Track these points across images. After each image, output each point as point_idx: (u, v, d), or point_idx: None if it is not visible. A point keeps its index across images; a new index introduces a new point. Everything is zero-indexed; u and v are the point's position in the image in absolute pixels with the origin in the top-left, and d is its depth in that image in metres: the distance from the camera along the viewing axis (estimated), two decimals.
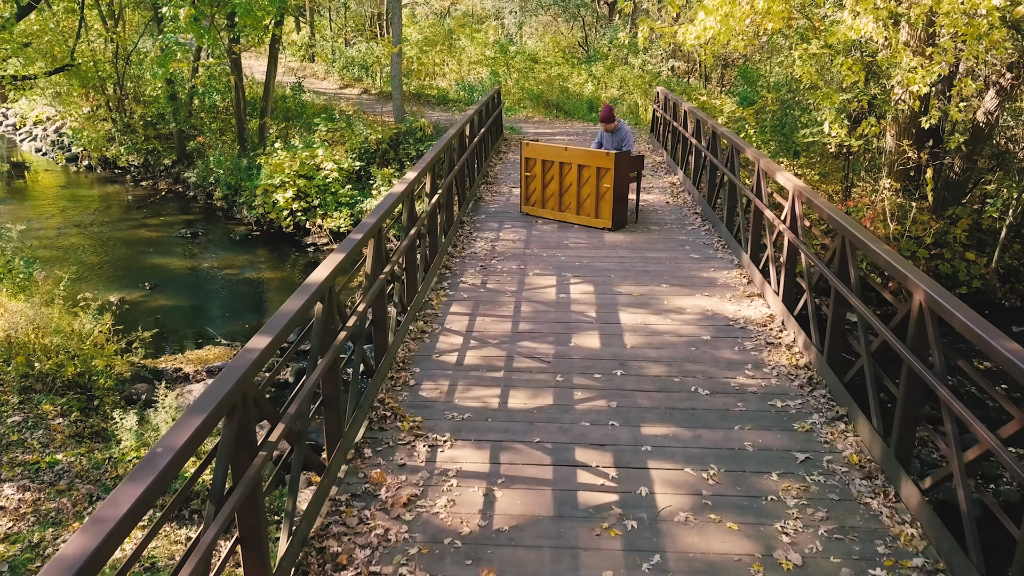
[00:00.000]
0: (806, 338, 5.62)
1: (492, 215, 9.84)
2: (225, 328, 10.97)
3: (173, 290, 12.24)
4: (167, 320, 11.11)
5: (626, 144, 9.18)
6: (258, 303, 11.90)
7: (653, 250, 8.28)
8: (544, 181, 9.42)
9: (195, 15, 15.48)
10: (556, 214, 9.43)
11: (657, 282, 7.25)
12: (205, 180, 17.69)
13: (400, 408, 4.87)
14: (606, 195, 8.87)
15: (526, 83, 23.51)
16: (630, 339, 5.96)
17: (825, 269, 5.21)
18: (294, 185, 14.94)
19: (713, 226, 9.11)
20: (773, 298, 6.48)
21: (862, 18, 8.84)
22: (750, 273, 7.30)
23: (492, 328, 6.17)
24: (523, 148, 9.46)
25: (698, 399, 5.04)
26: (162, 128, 19.78)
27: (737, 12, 10.66)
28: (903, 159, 11.62)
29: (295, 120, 18.61)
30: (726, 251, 8.19)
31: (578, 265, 7.74)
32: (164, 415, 6.38)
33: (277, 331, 3.27)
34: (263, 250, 14.41)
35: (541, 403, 4.98)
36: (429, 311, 6.48)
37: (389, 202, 5.47)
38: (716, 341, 5.93)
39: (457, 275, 7.44)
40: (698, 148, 10.41)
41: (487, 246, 8.41)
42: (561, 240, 8.64)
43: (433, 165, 7.32)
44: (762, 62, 21.23)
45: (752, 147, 8.02)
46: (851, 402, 4.75)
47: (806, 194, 5.79)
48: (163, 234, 15.31)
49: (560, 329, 6.15)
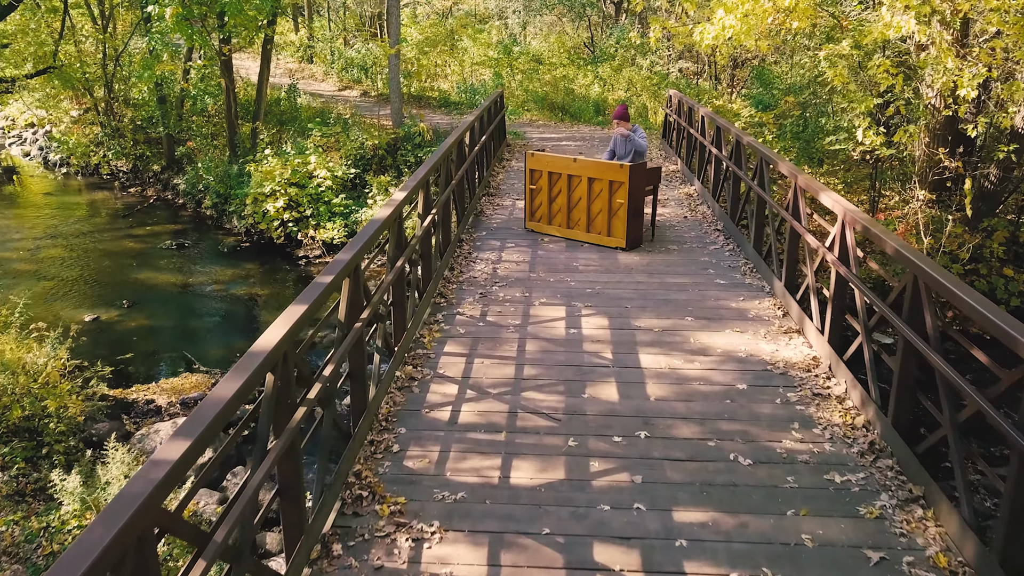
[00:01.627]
0: (863, 392, 4.76)
1: (494, 231, 8.99)
2: (206, 352, 10.14)
3: (153, 308, 11.42)
4: (143, 343, 10.29)
5: (639, 150, 8.32)
6: (244, 323, 11.07)
7: (673, 274, 7.43)
8: (551, 195, 8.57)
9: (182, 14, 14.69)
10: (564, 231, 8.58)
11: (680, 314, 6.40)
12: (194, 187, 16.89)
13: (379, 485, 4.02)
14: (619, 211, 8.02)
15: (530, 85, 22.66)
16: (653, 388, 5.11)
17: (891, 314, 4.35)
18: (285, 194, 14.11)
19: (738, 245, 8.25)
20: (816, 337, 5.62)
21: (902, 15, 7.97)
22: (785, 304, 6.44)
23: (492, 373, 5.32)
24: (527, 159, 8.62)
25: (739, 471, 4.19)
26: (152, 132, 18.98)
27: (758, 10, 9.80)
28: (938, 168, 10.74)
29: (289, 124, 17.78)
30: (755, 276, 7.33)
31: (590, 293, 6.89)
32: (116, 470, 5.55)
33: (200, 431, 2.44)
34: (252, 263, 13.59)
35: (551, 477, 4.13)
36: (420, 351, 5.63)
37: (370, 231, 4.62)
38: (754, 391, 5.08)
39: (454, 304, 6.60)
40: (718, 158, 9.55)
41: (488, 269, 7.57)
42: (570, 262, 7.79)
43: (427, 180, 6.48)
44: (778, 63, 20.34)
45: (787, 160, 7.15)
46: (928, 480, 3.89)
47: (862, 221, 4.93)
48: (148, 245, 14.50)
49: (571, 375, 5.31)
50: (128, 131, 19.53)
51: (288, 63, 29.07)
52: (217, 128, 18.61)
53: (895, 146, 10.31)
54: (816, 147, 11.91)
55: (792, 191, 6.33)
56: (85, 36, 20.50)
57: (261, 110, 17.22)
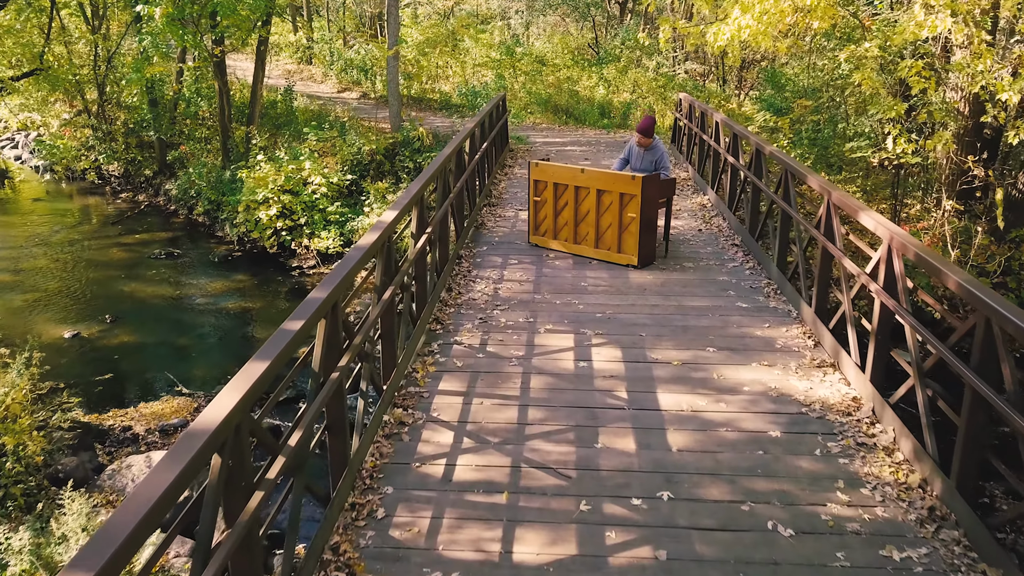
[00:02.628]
0: (915, 443, 4.16)
1: (495, 246, 8.39)
2: (191, 372, 9.57)
3: (137, 323, 10.85)
4: (125, 361, 9.71)
5: (661, 166, 7.74)
6: (232, 340, 10.49)
7: (691, 295, 6.83)
8: (556, 208, 7.98)
9: (173, 14, 14.14)
10: (571, 247, 7.99)
11: (701, 343, 5.79)
12: (186, 193, 16.33)
13: (360, 563, 3.44)
14: (631, 226, 7.42)
15: (533, 87, 22.07)
16: (675, 436, 4.51)
17: (955, 360, 3.75)
18: (278, 202, 13.54)
19: (759, 263, 7.64)
20: (855, 374, 5.02)
21: (938, 14, 7.37)
22: (816, 333, 5.84)
23: (493, 417, 4.73)
24: (531, 169, 8.03)
25: (779, 544, 3.59)
26: (144, 136, 18.40)
27: (777, 9, 9.20)
28: (967, 176, 10.14)
29: (285, 128, 17.21)
30: (780, 299, 6.72)
31: (600, 318, 6.29)
32: (73, 522, 4.97)
33: (111, 552, 1.85)
34: (244, 274, 13.01)
35: (560, 552, 3.54)
36: (412, 389, 5.04)
37: (351, 262, 4.03)
38: (790, 440, 4.48)
39: (451, 332, 6.00)
40: (734, 166, 8.95)
41: (488, 289, 6.98)
42: (578, 281, 7.19)
43: (421, 196, 5.89)
44: (789, 64, 19.73)
45: (817, 174, 6.55)
46: (1009, 562, 3.30)
47: (914, 248, 4.33)
48: (136, 255, 13.93)
49: (582, 419, 4.71)
50: (120, 135, 18.98)
51: (287, 64, 28.52)
52: (211, 131, 18.06)
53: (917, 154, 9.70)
54: (834, 153, 11.30)
55: (824, 208, 5.73)
56: (77, 37, 19.99)
57: (256, 113, 16.66)
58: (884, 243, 4.67)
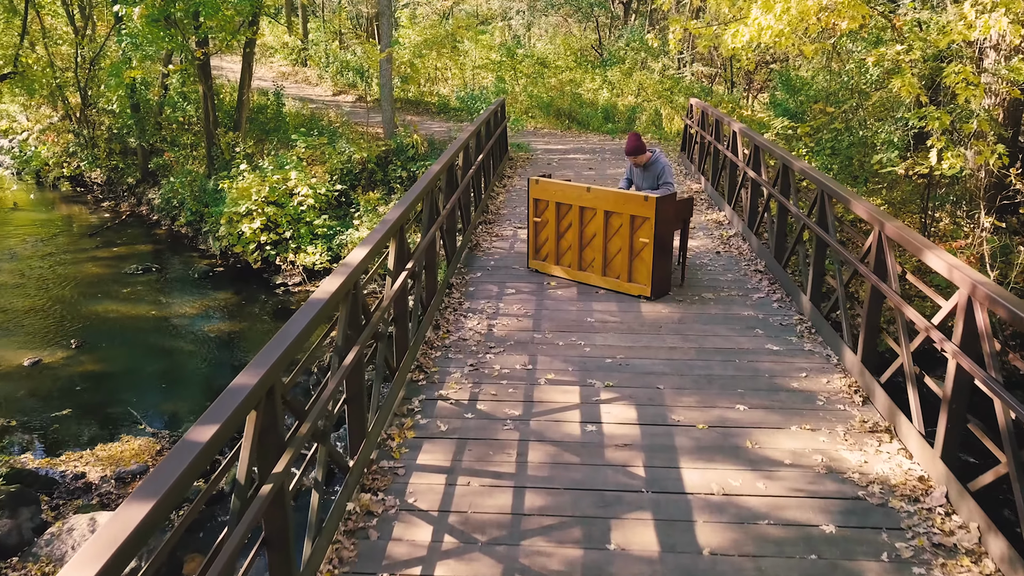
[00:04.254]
0: (1008, 547, 3.31)
1: (491, 271, 7.54)
2: (158, 406, 8.74)
3: (105, 349, 10.01)
4: (87, 393, 8.88)
5: (665, 181, 6.88)
6: (206, 367, 9.65)
7: (713, 334, 5.97)
8: (559, 230, 7.13)
9: (153, 15, 13.32)
10: (575, 273, 7.13)
11: (729, 398, 4.94)
12: (169, 203, 15.50)
13: None
14: (643, 252, 6.57)
15: (535, 89, 21.21)
16: (707, 532, 3.65)
17: None
18: (262, 214, 12.70)
19: (787, 294, 6.78)
20: (920, 447, 4.16)
21: (992, 13, 6.52)
22: (865, 386, 4.98)
23: (482, 504, 3.87)
24: (531, 187, 7.18)
25: None
26: (129, 142, 17.56)
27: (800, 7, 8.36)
28: (1009, 191, 9.28)
29: (273, 134, 16.37)
30: (815, 339, 5.86)
31: (610, 364, 5.43)
32: None
33: None
34: (225, 292, 12.18)
35: None
36: (385, 463, 4.19)
37: (294, 332, 3.16)
38: (847, 538, 3.62)
39: (436, 383, 5.15)
40: (755, 182, 8.09)
41: (482, 326, 6.12)
42: (583, 316, 6.33)
43: (401, 226, 5.04)
44: (803, 66, 18.86)
45: (866, 200, 5.69)
46: None
47: (1005, 302, 3.47)
48: (112, 270, 13.10)
49: (590, 506, 3.85)
50: (102, 140, 18.16)
51: (282, 66, 27.70)
52: (197, 137, 17.23)
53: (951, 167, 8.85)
54: (858, 162, 10.43)
55: (874, 240, 4.87)
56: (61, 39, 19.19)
57: (243, 119, 15.84)
58: (962, 292, 3.82)
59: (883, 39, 10.18)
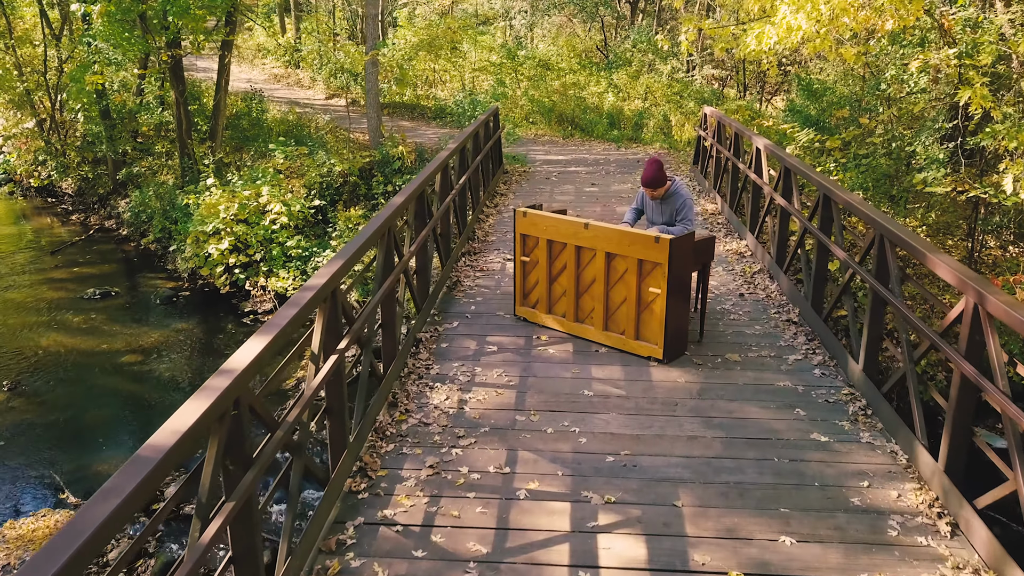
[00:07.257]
0: None
1: (471, 320, 6.30)
2: (89, 467, 7.55)
3: (42, 392, 8.83)
4: (10, 451, 7.69)
5: (684, 218, 5.66)
6: (155, 417, 8.43)
7: (742, 416, 4.72)
8: (551, 273, 5.90)
9: (113, 14, 12.16)
10: (570, 326, 5.90)
11: (770, 524, 3.69)
12: (138, 217, 14.33)
13: None
14: (653, 304, 5.33)
15: (536, 93, 19.97)
16: None
17: None
18: (231, 233, 11.51)
19: (831, 356, 5.52)
20: None
21: None
22: (950, 508, 3.73)
23: None
24: (517, 219, 5.95)
25: None
26: (98, 151, 16.41)
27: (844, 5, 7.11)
28: None
29: (253, 142, 15.18)
30: (872, 424, 4.60)
31: (612, 465, 4.19)
32: None
33: None
34: (188, 320, 10.99)
35: None
36: None
37: (144, 470, 1.95)
38: None
39: (381, 495, 3.92)
40: (785, 210, 6.83)
41: (451, 402, 4.89)
42: (579, 387, 5.10)
43: (334, 290, 3.82)
44: (823, 70, 17.58)
45: (948, 256, 4.44)
46: None
47: None
48: (68, 294, 11.92)
49: None
50: (72, 149, 17.03)
51: (275, 68, 26.56)
52: (173, 145, 16.06)
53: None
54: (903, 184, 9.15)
55: (967, 316, 3.62)
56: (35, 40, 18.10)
57: (219, 127, 14.66)
58: None
59: (928, 40, 8.91)
